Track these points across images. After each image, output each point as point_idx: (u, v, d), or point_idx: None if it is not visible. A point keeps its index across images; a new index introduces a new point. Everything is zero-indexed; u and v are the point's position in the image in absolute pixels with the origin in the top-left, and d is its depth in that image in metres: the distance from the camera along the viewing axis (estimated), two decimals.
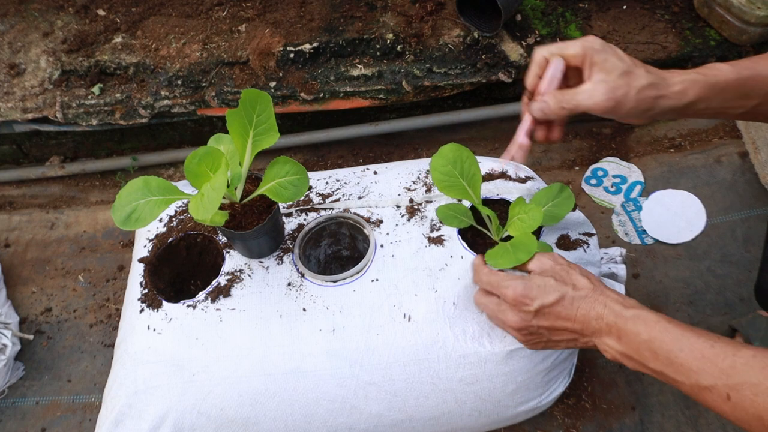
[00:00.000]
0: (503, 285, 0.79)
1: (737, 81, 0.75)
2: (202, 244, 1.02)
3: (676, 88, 0.74)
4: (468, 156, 0.88)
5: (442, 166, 0.88)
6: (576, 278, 0.77)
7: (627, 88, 0.73)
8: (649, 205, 1.36)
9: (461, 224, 0.92)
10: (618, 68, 0.73)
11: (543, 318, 0.77)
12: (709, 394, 0.64)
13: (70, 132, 1.58)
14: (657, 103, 0.74)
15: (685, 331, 0.67)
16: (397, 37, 1.44)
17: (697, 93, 0.74)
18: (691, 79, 0.74)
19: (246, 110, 0.81)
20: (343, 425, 0.89)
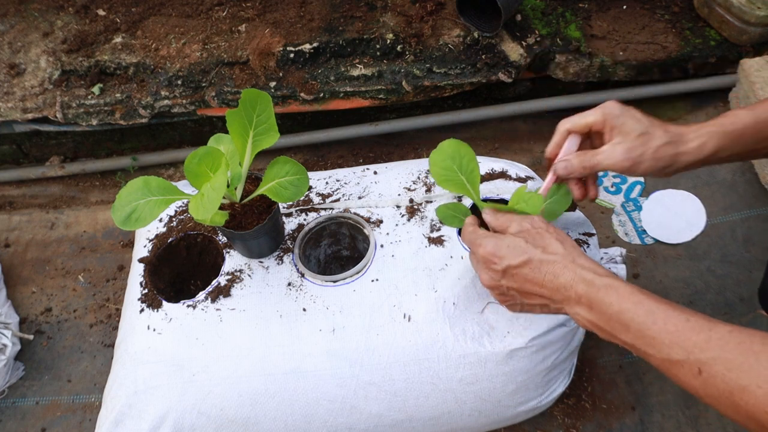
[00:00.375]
0: (476, 242, 0.79)
1: (756, 125, 0.76)
2: (202, 244, 1.02)
3: (693, 144, 0.77)
4: (467, 152, 0.88)
5: (441, 160, 0.88)
6: (548, 241, 0.76)
7: (643, 148, 0.76)
8: (649, 205, 1.36)
9: (461, 224, 0.92)
10: (635, 130, 0.77)
11: (511, 279, 0.76)
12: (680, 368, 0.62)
13: (70, 132, 1.58)
14: (676, 160, 0.77)
15: (660, 304, 0.66)
16: (397, 37, 1.44)
17: (715, 144, 0.77)
18: (707, 132, 0.77)
19: (246, 110, 0.81)
20: (343, 425, 0.89)
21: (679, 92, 1.53)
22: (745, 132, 0.76)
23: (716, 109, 1.51)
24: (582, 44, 1.46)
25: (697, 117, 1.51)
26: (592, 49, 1.47)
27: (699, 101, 1.54)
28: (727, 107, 1.49)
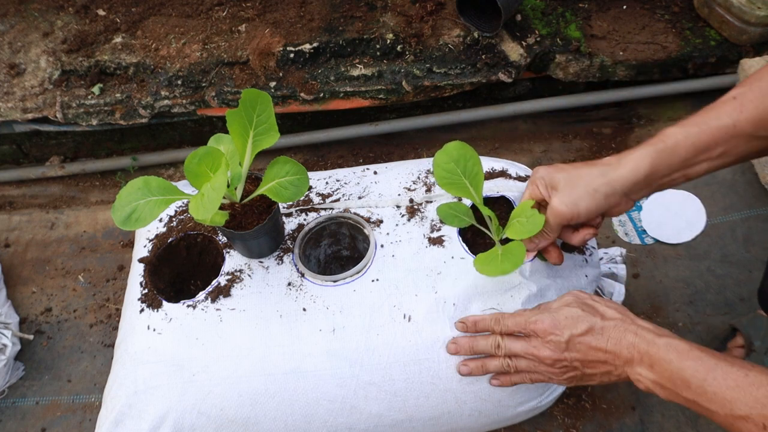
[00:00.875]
0: (532, 320, 0.79)
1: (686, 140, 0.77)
2: (202, 244, 1.02)
3: (626, 168, 0.79)
4: (472, 155, 0.88)
5: (445, 163, 0.88)
6: (603, 309, 0.78)
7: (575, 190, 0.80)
8: (649, 205, 1.36)
9: (462, 223, 0.92)
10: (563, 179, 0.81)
11: (575, 349, 0.77)
12: (745, 423, 0.63)
13: (70, 132, 1.58)
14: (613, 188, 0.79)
15: (719, 361, 0.67)
16: (397, 37, 1.44)
17: (649, 164, 0.78)
18: (639, 154, 0.79)
19: (246, 110, 0.81)
20: (343, 425, 0.89)
21: (679, 92, 1.53)
22: (677, 148, 0.77)
23: None
24: (582, 44, 1.46)
25: None
26: (592, 49, 1.47)
27: (699, 101, 1.54)
28: None
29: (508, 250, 0.84)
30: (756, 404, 0.63)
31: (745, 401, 0.63)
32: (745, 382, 0.64)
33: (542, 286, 0.89)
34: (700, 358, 0.68)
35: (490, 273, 0.82)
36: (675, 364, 0.69)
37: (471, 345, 0.84)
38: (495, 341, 0.82)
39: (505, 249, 0.84)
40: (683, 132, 0.77)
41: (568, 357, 0.77)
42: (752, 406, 0.63)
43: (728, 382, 0.65)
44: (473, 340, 0.84)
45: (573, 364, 0.77)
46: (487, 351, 0.83)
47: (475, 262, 0.84)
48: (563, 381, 0.81)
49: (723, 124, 0.76)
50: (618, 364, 0.75)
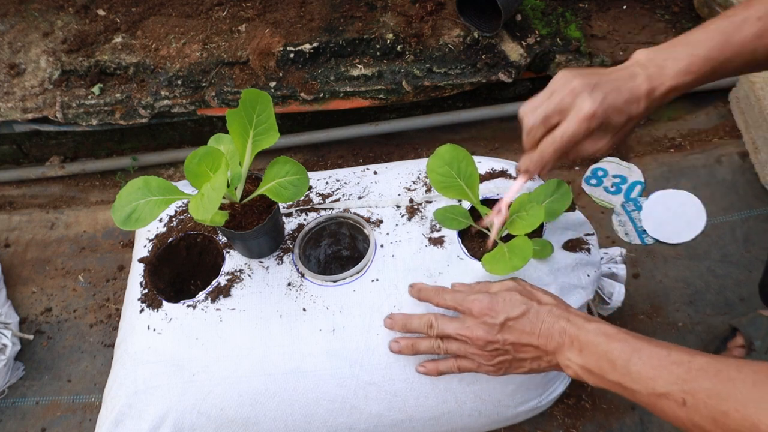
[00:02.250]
0: (469, 299, 0.79)
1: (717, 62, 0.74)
2: (202, 244, 1.02)
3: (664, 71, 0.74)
4: (465, 156, 0.88)
5: (438, 167, 0.88)
6: (540, 295, 0.78)
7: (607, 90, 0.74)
8: (649, 205, 1.36)
9: (459, 226, 0.92)
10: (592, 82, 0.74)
11: (508, 332, 0.76)
12: (666, 400, 0.64)
13: (70, 132, 1.58)
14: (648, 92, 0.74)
15: (645, 342, 0.68)
16: (397, 37, 1.44)
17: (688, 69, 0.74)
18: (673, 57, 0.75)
19: (246, 110, 0.81)
20: (343, 425, 0.89)
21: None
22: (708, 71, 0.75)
23: (716, 109, 1.51)
24: (582, 44, 1.46)
25: (697, 117, 1.51)
26: (592, 49, 1.47)
27: (699, 101, 1.54)
28: (727, 107, 1.49)
29: (514, 247, 0.83)
30: (676, 380, 0.63)
31: (665, 378, 0.64)
32: (666, 361, 0.65)
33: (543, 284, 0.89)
34: (626, 340, 0.69)
35: (500, 272, 0.81)
36: (602, 346, 0.70)
37: (404, 322, 0.84)
38: (428, 320, 0.82)
39: (510, 246, 0.83)
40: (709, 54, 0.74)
41: (500, 339, 0.76)
42: (672, 382, 0.63)
43: (652, 361, 0.66)
44: (407, 318, 0.84)
45: (505, 347, 0.77)
46: (420, 330, 0.83)
47: (483, 263, 0.84)
48: (491, 368, 0.79)
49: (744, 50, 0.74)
50: (549, 350, 0.75)
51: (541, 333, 0.75)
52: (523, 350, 0.77)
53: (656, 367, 0.65)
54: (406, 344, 0.84)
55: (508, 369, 0.79)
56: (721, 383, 0.61)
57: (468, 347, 0.79)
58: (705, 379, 0.62)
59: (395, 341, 0.85)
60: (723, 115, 1.49)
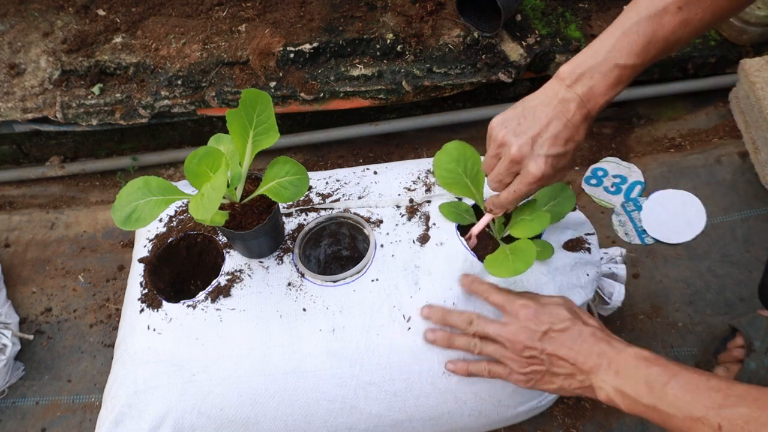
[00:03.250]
0: (517, 303, 0.80)
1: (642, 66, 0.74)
2: (202, 244, 1.02)
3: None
4: (472, 154, 0.88)
5: (446, 163, 0.88)
6: (587, 318, 0.79)
7: None
8: (649, 205, 1.36)
9: (463, 221, 0.92)
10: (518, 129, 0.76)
11: (549, 342, 0.77)
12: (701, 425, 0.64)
13: (70, 132, 1.58)
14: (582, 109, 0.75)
15: (682, 368, 0.69)
16: (397, 37, 1.44)
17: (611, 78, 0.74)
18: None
19: (246, 110, 0.81)
20: (343, 425, 0.89)
21: (679, 92, 1.53)
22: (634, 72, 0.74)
23: (716, 109, 1.51)
24: (582, 44, 1.46)
25: (697, 117, 1.51)
26: None
27: (699, 101, 1.54)
28: (727, 107, 1.49)
29: (517, 250, 0.83)
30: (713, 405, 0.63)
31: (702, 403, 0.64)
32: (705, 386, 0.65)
33: (540, 283, 0.89)
34: (665, 365, 0.70)
35: (503, 274, 0.81)
36: (641, 370, 0.70)
37: (444, 315, 0.84)
38: (469, 317, 0.83)
39: (513, 248, 0.83)
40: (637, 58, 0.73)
41: (539, 347, 0.77)
42: (709, 407, 0.64)
43: (689, 386, 0.66)
44: (447, 311, 0.84)
45: (541, 357, 0.77)
46: (459, 325, 0.83)
47: (485, 265, 0.84)
48: (522, 376, 0.79)
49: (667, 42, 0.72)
50: (585, 369, 0.75)
51: (580, 350, 0.75)
52: (558, 364, 0.77)
53: (694, 392, 0.66)
54: (443, 336, 0.84)
55: (538, 382, 0.79)
56: (759, 409, 0.61)
57: (504, 351, 0.80)
58: (743, 405, 0.62)
59: (432, 331, 0.85)
60: (723, 115, 1.49)
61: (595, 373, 0.74)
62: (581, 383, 0.76)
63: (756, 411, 0.61)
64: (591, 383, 0.74)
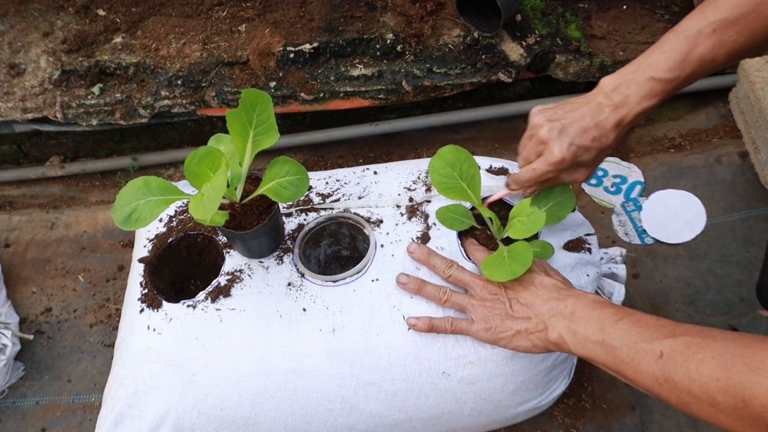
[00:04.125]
0: None
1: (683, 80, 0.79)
2: (202, 244, 1.02)
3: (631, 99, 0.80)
4: (467, 157, 0.89)
5: (441, 167, 0.89)
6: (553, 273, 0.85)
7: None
8: (649, 205, 1.36)
9: (462, 226, 0.92)
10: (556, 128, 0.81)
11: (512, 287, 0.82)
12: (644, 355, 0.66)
13: (70, 132, 1.58)
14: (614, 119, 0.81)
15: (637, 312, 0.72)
16: (397, 37, 1.44)
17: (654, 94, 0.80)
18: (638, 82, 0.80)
19: (246, 110, 0.81)
20: (343, 425, 0.89)
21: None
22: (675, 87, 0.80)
23: (716, 109, 1.51)
24: (582, 44, 1.46)
25: (697, 117, 1.51)
26: (592, 49, 1.47)
27: (699, 101, 1.54)
28: (727, 107, 1.49)
29: (514, 252, 0.83)
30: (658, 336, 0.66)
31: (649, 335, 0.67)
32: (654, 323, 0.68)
33: None
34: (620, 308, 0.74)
35: (500, 277, 0.81)
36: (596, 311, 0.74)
37: (428, 255, 0.89)
38: (450, 262, 0.87)
39: (511, 251, 0.83)
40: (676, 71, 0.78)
41: (503, 289, 0.83)
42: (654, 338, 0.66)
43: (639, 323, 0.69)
44: (432, 253, 0.89)
45: (503, 299, 0.82)
46: (438, 267, 0.88)
47: (482, 267, 0.84)
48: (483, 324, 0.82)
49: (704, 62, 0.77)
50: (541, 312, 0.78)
51: (538, 295, 0.80)
52: (517, 308, 0.80)
53: (642, 327, 0.68)
54: (414, 281, 0.87)
55: (497, 329, 0.81)
56: (700, 337, 0.63)
57: (470, 299, 0.84)
58: (686, 335, 0.64)
59: (404, 275, 0.88)
60: (723, 115, 1.49)
61: (550, 317, 0.77)
62: (536, 327, 0.79)
63: (697, 338, 0.62)
64: (546, 326, 0.78)
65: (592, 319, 0.73)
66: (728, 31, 0.75)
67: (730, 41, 0.75)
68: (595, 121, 0.80)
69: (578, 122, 0.80)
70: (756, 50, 0.77)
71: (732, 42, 0.75)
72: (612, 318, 0.71)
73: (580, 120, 0.80)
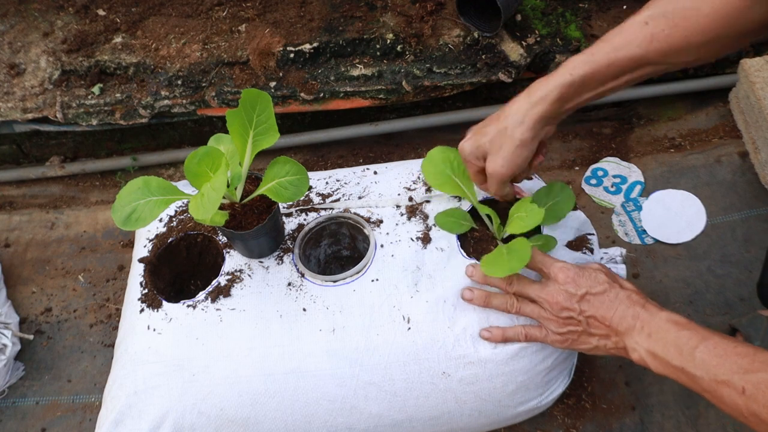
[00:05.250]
0: (557, 266, 0.82)
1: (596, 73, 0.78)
2: (202, 244, 1.02)
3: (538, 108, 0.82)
4: (456, 156, 0.91)
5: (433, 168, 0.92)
6: (623, 281, 0.82)
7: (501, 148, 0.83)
8: (649, 205, 1.36)
9: (462, 229, 0.92)
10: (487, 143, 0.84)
11: (586, 303, 0.79)
12: (725, 387, 0.66)
13: (70, 132, 1.58)
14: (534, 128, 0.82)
15: (712, 333, 0.71)
16: (397, 37, 1.44)
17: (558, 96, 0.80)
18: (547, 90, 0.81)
19: (246, 110, 0.81)
20: (343, 425, 0.89)
21: (679, 92, 1.53)
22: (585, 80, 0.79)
23: (716, 109, 1.51)
24: (582, 44, 1.46)
25: (697, 117, 1.51)
26: None
27: (699, 101, 1.54)
28: (727, 107, 1.49)
29: (513, 248, 0.83)
30: (739, 370, 0.65)
31: (729, 367, 0.66)
32: (732, 351, 0.67)
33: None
34: (695, 329, 0.72)
35: (499, 273, 0.81)
36: (672, 333, 0.72)
37: (486, 301, 0.86)
38: (509, 277, 0.84)
39: (509, 247, 0.84)
40: (591, 64, 0.78)
41: (577, 308, 0.79)
42: (735, 371, 0.66)
43: (717, 350, 0.68)
44: (489, 296, 0.86)
45: (579, 318, 0.79)
46: (499, 285, 0.85)
47: (482, 264, 0.84)
48: (559, 336, 0.81)
49: (633, 54, 0.76)
50: (620, 330, 0.77)
51: (615, 312, 0.77)
52: (595, 325, 0.79)
53: (721, 356, 0.68)
54: (480, 295, 0.85)
55: (574, 342, 0.81)
56: None
57: (542, 311, 0.82)
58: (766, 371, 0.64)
59: (469, 289, 0.86)
60: (723, 115, 1.49)
61: (628, 335, 0.76)
62: (615, 344, 0.78)
63: None
64: (625, 345, 0.77)
65: (669, 342, 0.72)
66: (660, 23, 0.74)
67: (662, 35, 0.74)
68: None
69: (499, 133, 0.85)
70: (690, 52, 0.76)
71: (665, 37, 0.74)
72: (689, 343, 0.70)
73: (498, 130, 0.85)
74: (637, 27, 0.76)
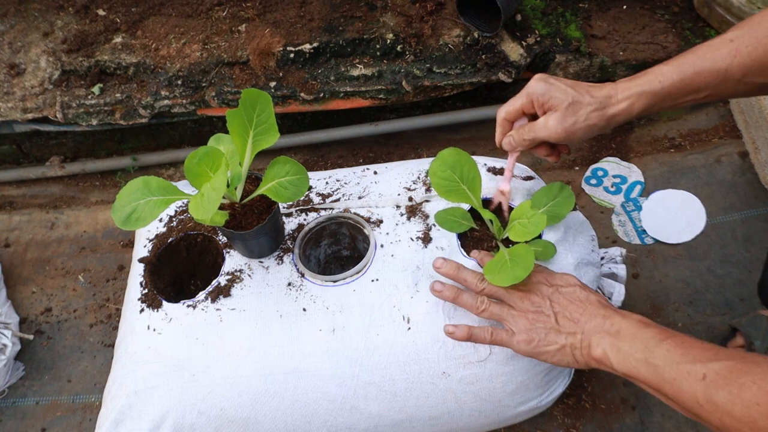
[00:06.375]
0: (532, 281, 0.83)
1: (682, 82, 0.79)
2: (202, 244, 1.02)
3: (622, 105, 0.81)
4: (467, 160, 0.89)
5: (441, 170, 0.88)
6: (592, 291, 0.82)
7: (574, 117, 0.81)
8: (649, 205, 1.36)
9: (461, 228, 0.92)
10: (563, 101, 0.82)
11: (557, 297, 0.80)
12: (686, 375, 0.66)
13: (70, 132, 1.58)
14: (608, 123, 0.82)
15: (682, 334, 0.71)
16: (397, 37, 1.44)
17: (644, 104, 0.80)
18: (636, 93, 0.80)
19: (246, 110, 0.81)
20: (343, 425, 0.89)
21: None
22: (673, 89, 0.79)
23: (716, 108, 1.51)
24: (582, 44, 1.46)
25: (697, 117, 1.51)
26: (592, 49, 1.47)
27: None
28: (727, 107, 1.49)
29: (515, 255, 0.82)
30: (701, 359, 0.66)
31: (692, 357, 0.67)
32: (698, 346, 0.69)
33: None
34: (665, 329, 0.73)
35: (503, 282, 0.80)
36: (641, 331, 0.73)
37: (457, 269, 0.85)
38: (481, 275, 0.84)
39: (512, 254, 0.82)
40: (678, 73, 0.79)
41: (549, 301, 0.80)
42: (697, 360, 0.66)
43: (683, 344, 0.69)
44: (462, 267, 0.86)
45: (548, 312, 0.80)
46: (470, 281, 0.84)
47: (485, 271, 0.83)
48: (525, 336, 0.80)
49: (717, 67, 0.78)
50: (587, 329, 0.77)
51: (585, 310, 0.78)
52: (562, 322, 0.79)
53: (685, 348, 0.68)
54: (450, 290, 0.85)
55: (540, 342, 0.79)
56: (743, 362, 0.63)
57: (511, 310, 0.81)
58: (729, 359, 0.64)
59: (439, 283, 0.85)
60: (723, 115, 1.49)
61: (596, 333, 0.76)
62: (581, 342, 0.77)
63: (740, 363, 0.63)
64: (590, 342, 0.76)
65: (637, 338, 0.73)
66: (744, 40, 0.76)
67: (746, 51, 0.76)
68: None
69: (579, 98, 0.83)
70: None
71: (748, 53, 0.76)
72: (656, 338, 0.71)
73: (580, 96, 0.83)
74: (722, 43, 0.78)
